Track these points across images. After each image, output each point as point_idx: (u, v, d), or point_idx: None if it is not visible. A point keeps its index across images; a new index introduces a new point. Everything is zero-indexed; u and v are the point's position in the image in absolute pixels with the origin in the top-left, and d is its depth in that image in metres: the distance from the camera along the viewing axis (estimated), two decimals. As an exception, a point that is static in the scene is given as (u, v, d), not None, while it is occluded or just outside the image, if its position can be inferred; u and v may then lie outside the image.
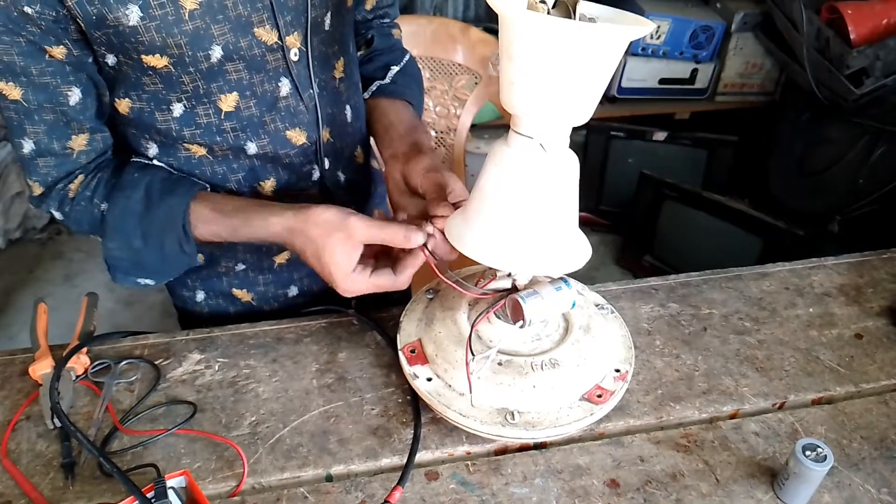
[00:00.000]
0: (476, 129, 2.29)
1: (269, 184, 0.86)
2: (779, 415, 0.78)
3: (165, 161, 0.82)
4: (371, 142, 1.04)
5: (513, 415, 0.68)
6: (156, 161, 0.82)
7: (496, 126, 2.40)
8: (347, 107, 0.92)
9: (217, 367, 0.81)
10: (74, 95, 0.73)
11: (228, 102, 0.78)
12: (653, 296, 0.94)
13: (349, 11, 0.88)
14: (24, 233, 2.52)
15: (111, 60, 0.73)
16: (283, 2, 0.75)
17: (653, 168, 2.32)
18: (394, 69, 0.98)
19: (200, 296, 0.97)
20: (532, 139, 0.62)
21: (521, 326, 0.69)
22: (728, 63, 2.47)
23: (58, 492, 0.67)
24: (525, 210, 0.64)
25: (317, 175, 0.90)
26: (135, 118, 0.78)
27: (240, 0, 0.72)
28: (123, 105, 0.77)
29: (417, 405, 0.75)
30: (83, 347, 0.79)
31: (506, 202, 0.64)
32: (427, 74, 1.45)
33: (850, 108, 2.00)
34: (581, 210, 0.68)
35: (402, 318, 0.79)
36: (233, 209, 0.78)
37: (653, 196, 2.29)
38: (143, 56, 0.71)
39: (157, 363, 0.81)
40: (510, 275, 0.72)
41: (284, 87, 0.80)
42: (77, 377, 0.78)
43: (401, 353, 0.75)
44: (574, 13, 0.58)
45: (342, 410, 0.76)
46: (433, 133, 1.51)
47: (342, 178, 0.95)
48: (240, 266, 0.95)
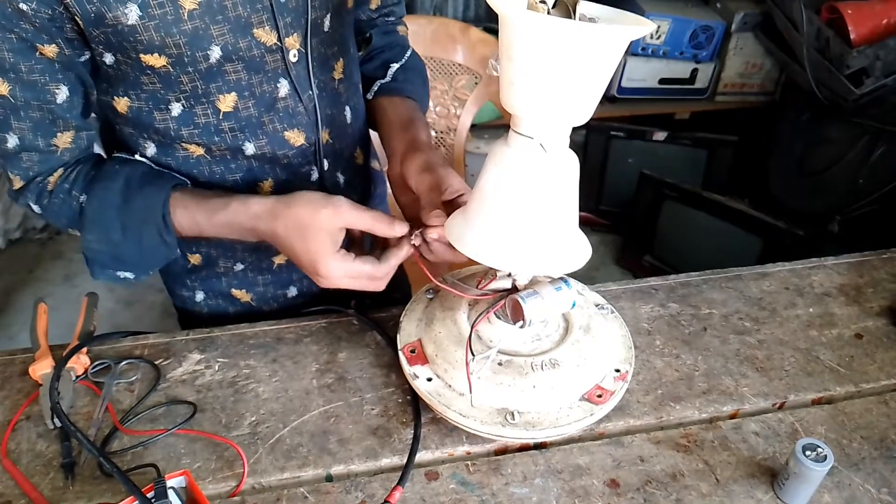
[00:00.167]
0: (476, 129, 2.29)
1: (268, 184, 0.86)
2: (779, 415, 0.78)
3: (163, 161, 0.82)
4: (372, 142, 1.04)
5: (513, 415, 0.68)
6: (152, 161, 0.82)
7: (496, 126, 2.40)
8: (347, 108, 0.92)
9: (217, 367, 0.81)
10: (62, 94, 0.73)
11: (227, 103, 0.77)
12: (653, 296, 0.94)
13: (349, 13, 0.88)
14: (24, 233, 2.52)
15: (109, 59, 0.73)
16: (283, 3, 0.75)
17: (653, 168, 2.32)
18: (394, 66, 0.97)
19: (200, 296, 0.97)
20: (532, 139, 0.62)
21: (522, 326, 0.69)
22: (728, 63, 2.47)
23: (58, 492, 0.67)
24: (525, 210, 0.64)
25: (315, 176, 0.90)
26: (133, 117, 0.78)
27: (239, 1, 0.71)
28: (122, 104, 0.77)
29: (417, 405, 0.75)
30: (83, 347, 0.79)
31: (506, 202, 0.64)
32: (427, 74, 1.45)
33: (850, 108, 2.00)
34: (581, 210, 0.68)
35: (402, 318, 0.79)
36: (213, 195, 0.78)
37: (653, 196, 2.29)
38: (142, 55, 0.71)
39: (158, 363, 0.81)
40: (510, 275, 0.71)
41: (283, 88, 0.80)
42: (77, 377, 0.78)
43: (401, 353, 0.75)
44: (574, 13, 0.58)
45: (342, 410, 0.76)
46: (433, 133, 1.51)
47: (341, 180, 0.95)
48: (238, 266, 0.94)
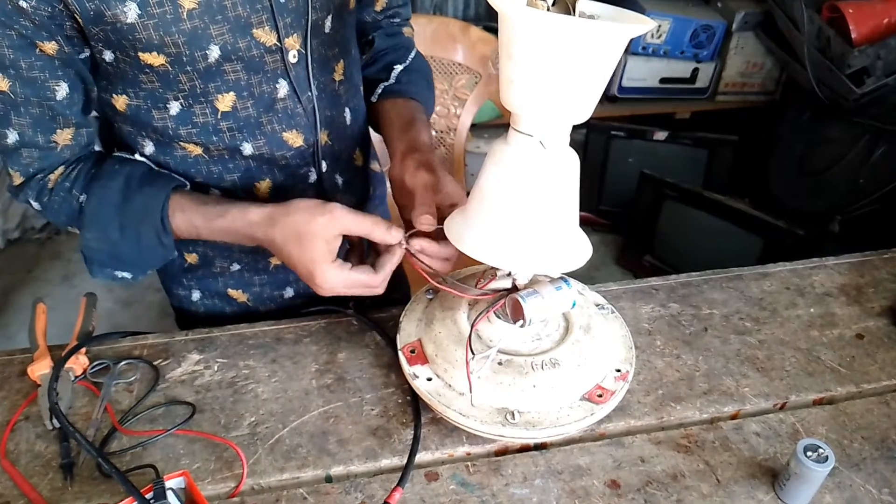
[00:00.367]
0: (476, 129, 2.29)
1: (265, 185, 0.86)
2: (780, 415, 0.77)
3: (161, 160, 0.81)
4: (372, 144, 1.03)
5: (513, 414, 0.68)
6: (150, 159, 0.81)
7: (496, 125, 2.40)
8: (347, 109, 0.92)
9: (216, 368, 0.81)
10: (62, 90, 0.73)
11: (225, 102, 0.77)
12: (653, 296, 0.94)
13: (351, 14, 0.87)
14: (23, 233, 2.52)
15: (109, 57, 0.72)
16: (283, 4, 0.74)
17: (653, 168, 2.32)
18: (397, 68, 0.97)
19: (196, 295, 0.97)
20: (532, 137, 0.62)
21: (522, 326, 0.69)
22: (729, 62, 2.47)
23: (56, 492, 0.67)
24: (525, 209, 0.64)
25: (314, 177, 0.89)
26: (132, 115, 0.78)
27: (239, 1, 0.71)
28: (121, 102, 0.77)
29: (417, 405, 0.75)
30: (82, 348, 0.79)
31: (506, 201, 0.64)
32: (432, 76, 1.45)
33: (851, 108, 2.00)
34: (581, 210, 0.68)
35: (402, 318, 0.79)
36: (213, 200, 0.79)
37: (653, 196, 2.29)
38: (141, 54, 0.71)
39: (156, 363, 0.80)
40: (510, 274, 0.71)
41: (282, 89, 0.80)
42: (76, 377, 0.78)
43: (400, 353, 0.74)
44: (574, 10, 0.58)
45: (342, 411, 0.76)
46: (433, 133, 1.50)
47: (340, 181, 0.94)
48: (235, 266, 0.94)
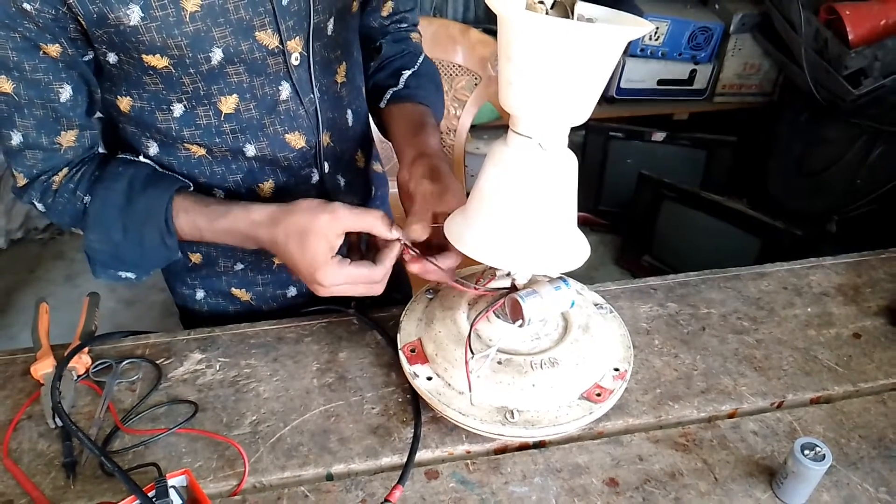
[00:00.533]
0: (476, 130, 2.29)
1: (268, 186, 0.86)
2: (777, 414, 0.78)
3: (165, 160, 0.82)
4: (374, 144, 1.04)
5: (512, 413, 0.69)
6: (154, 160, 0.82)
7: (496, 126, 2.40)
8: (349, 111, 0.92)
9: (218, 367, 0.81)
10: (66, 92, 0.73)
11: (228, 104, 0.78)
12: (651, 295, 0.94)
13: (353, 17, 0.88)
14: (26, 233, 2.52)
15: (112, 59, 0.73)
16: (286, 6, 0.75)
17: (651, 168, 2.32)
18: (405, 73, 0.97)
19: (200, 294, 0.97)
20: (531, 139, 0.62)
21: (521, 325, 0.69)
22: (726, 64, 2.48)
23: (59, 491, 0.67)
24: (524, 209, 0.64)
25: (316, 178, 0.90)
26: (135, 116, 0.78)
27: (241, 3, 0.72)
28: (125, 103, 0.78)
29: (417, 404, 0.76)
30: (84, 347, 0.80)
31: (505, 201, 0.65)
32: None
33: (849, 109, 2.01)
34: (580, 210, 0.69)
35: (402, 318, 0.79)
36: (216, 202, 0.79)
37: (651, 196, 2.30)
38: (144, 56, 0.71)
39: (159, 363, 0.81)
40: (509, 274, 0.72)
41: (285, 91, 0.80)
42: (78, 377, 0.78)
43: (401, 353, 0.75)
44: (572, 14, 0.59)
45: (342, 410, 0.76)
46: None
47: (342, 182, 0.95)
48: (238, 266, 0.95)
